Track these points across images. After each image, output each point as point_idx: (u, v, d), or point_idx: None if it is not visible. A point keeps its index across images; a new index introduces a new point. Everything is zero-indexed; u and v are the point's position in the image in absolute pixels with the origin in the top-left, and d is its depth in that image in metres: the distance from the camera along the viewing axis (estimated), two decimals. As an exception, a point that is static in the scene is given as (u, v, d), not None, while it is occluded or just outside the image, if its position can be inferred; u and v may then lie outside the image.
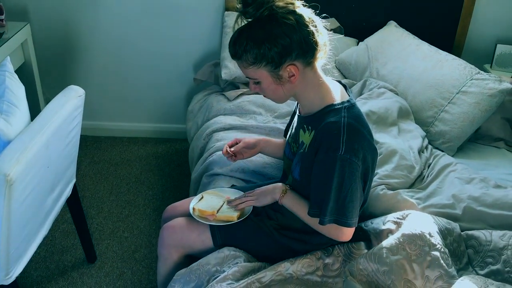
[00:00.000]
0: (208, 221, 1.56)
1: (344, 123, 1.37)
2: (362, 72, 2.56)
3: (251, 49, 1.36)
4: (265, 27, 1.35)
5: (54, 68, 2.95)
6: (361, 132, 1.40)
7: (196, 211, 1.59)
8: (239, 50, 1.38)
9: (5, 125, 1.55)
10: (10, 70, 1.80)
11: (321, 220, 1.40)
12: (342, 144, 1.34)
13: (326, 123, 1.39)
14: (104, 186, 2.71)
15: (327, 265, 1.51)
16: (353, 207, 1.40)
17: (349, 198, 1.38)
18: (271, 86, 1.42)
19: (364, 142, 1.40)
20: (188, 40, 2.90)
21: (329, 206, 1.38)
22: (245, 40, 1.36)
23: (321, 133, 1.40)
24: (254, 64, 1.38)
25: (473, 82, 2.26)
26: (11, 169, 1.35)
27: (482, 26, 2.87)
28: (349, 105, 1.43)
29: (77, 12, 2.81)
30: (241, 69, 1.45)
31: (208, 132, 2.24)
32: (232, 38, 1.41)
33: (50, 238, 2.32)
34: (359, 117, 1.43)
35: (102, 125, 3.14)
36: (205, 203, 1.63)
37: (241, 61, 1.40)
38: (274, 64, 1.37)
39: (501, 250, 1.52)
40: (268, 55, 1.35)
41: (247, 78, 1.47)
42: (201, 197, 1.67)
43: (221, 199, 1.65)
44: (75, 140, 1.84)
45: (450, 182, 1.86)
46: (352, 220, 1.41)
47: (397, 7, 2.79)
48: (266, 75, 1.40)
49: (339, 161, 1.35)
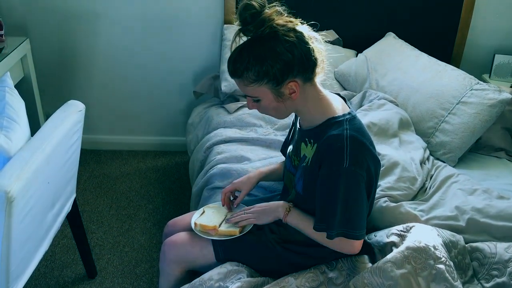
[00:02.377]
0: (210, 236, 1.55)
1: (347, 135, 1.37)
2: (362, 84, 2.57)
3: (253, 67, 1.35)
4: (266, 44, 1.34)
5: (53, 83, 2.95)
6: (364, 143, 1.40)
7: (198, 226, 1.58)
8: (240, 67, 1.37)
9: (5, 141, 1.55)
10: (10, 85, 1.80)
11: (329, 234, 1.39)
12: (346, 156, 1.34)
13: (328, 136, 1.39)
14: (104, 200, 2.69)
15: (331, 279, 1.49)
16: (360, 219, 1.39)
17: (355, 210, 1.37)
18: (272, 103, 1.42)
19: (367, 153, 1.40)
20: (188, 53, 2.91)
21: (336, 219, 1.37)
22: (247, 57, 1.35)
23: (324, 146, 1.39)
24: (255, 82, 1.37)
25: (472, 92, 2.26)
26: (12, 186, 1.33)
27: (480, 36, 2.89)
28: (350, 117, 1.43)
29: (77, 27, 2.82)
30: (240, 87, 1.43)
31: (208, 145, 2.23)
32: (232, 56, 1.40)
33: (50, 254, 2.30)
34: (361, 128, 1.44)
35: (101, 138, 3.14)
36: (207, 217, 1.62)
37: (241, 79, 1.39)
38: (276, 81, 1.36)
39: (507, 262, 1.51)
40: (270, 72, 1.35)
41: (246, 96, 1.45)
42: (203, 211, 1.66)
43: (222, 213, 1.64)
44: (75, 155, 1.83)
45: (453, 194, 1.85)
46: (361, 232, 1.40)
47: (395, 19, 2.80)
48: (267, 93, 1.39)
49: (344, 174, 1.34)
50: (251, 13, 1.33)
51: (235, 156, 2.07)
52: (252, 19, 1.34)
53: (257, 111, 1.51)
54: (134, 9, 2.79)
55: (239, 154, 2.08)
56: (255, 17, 1.34)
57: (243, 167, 1.96)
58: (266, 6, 1.35)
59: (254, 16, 1.33)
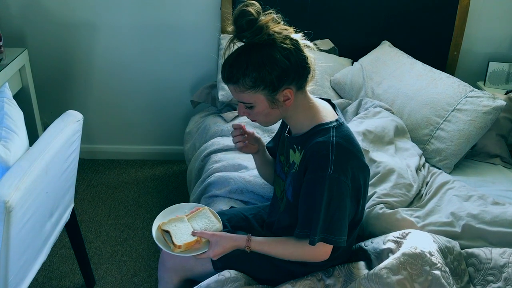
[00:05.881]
0: (196, 251, 1.48)
1: (333, 142, 1.37)
2: (358, 92, 2.59)
3: (251, 73, 1.35)
4: (264, 51, 1.35)
5: (51, 93, 2.96)
6: (350, 151, 1.40)
7: (182, 246, 1.47)
8: (236, 74, 1.37)
9: (4, 151, 1.56)
10: (8, 96, 1.81)
11: (311, 240, 1.39)
12: (330, 163, 1.35)
13: (314, 143, 1.39)
14: (102, 209, 2.70)
15: (328, 286, 1.50)
16: (341, 225, 1.39)
17: (337, 216, 1.37)
18: (265, 110, 1.42)
19: (353, 161, 1.40)
20: (185, 62, 2.93)
21: (319, 225, 1.37)
22: (244, 63, 1.35)
23: (309, 152, 1.40)
24: (252, 88, 1.38)
25: (467, 99, 2.28)
26: (10, 196, 1.34)
27: (474, 44, 2.92)
28: (337, 125, 1.43)
29: (74, 37, 2.83)
30: (234, 94, 1.42)
31: (206, 154, 2.24)
32: (228, 62, 1.39)
33: (48, 264, 2.30)
34: (348, 136, 1.43)
35: (99, 148, 3.14)
36: (179, 233, 1.50)
37: (237, 85, 1.39)
38: (272, 88, 1.37)
39: (502, 267, 1.52)
40: (267, 79, 1.35)
41: (239, 102, 1.44)
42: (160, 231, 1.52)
43: (184, 222, 1.54)
44: (74, 164, 1.84)
45: (448, 200, 1.86)
46: (341, 238, 1.40)
47: (390, 27, 2.83)
48: (262, 99, 1.40)
49: (328, 180, 1.35)
50: (248, 20, 1.34)
51: (232, 164, 2.08)
52: (249, 25, 1.34)
53: (250, 121, 1.51)
54: (131, 20, 2.81)
55: (237, 162, 2.09)
56: (252, 24, 1.34)
57: (241, 175, 1.97)
58: (262, 13, 1.36)
59: (251, 22, 1.34)
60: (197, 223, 1.55)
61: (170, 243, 1.47)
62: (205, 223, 1.55)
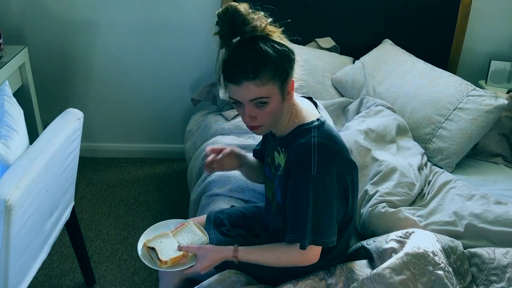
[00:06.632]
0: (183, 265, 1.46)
1: (314, 143, 1.35)
2: (359, 90, 2.58)
3: (269, 63, 1.30)
4: (269, 43, 1.33)
5: (51, 91, 2.95)
6: (333, 149, 1.38)
7: (169, 262, 1.44)
8: (256, 67, 1.29)
9: (4, 150, 1.55)
10: (8, 94, 1.80)
11: (302, 244, 1.37)
12: (313, 165, 1.32)
13: (296, 145, 1.37)
14: (102, 208, 2.69)
15: (330, 285, 1.49)
16: (329, 226, 1.38)
17: (324, 217, 1.36)
18: (277, 105, 1.36)
19: (337, 159, 1.38)
20: (185, 60, 2.92)
21: (307, 228, 1.35)
22: (260, 55, 1.31)
23: (292, 155, 1.38)
24: (272, 79, 1.31)
25: (469, 98, 2.27)
26: (11, 194, 1.33)
27: (476, 43, 2.91)
28: (319, 124, 1.41)
29: (75, 35, 2.82)
30: (250, 92, 1.31)
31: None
32: (239, 59, 1.31)
33: (48, 262, 2.29)
34: (330, 134, 1.40)
35: (99, 146, 3.13)
36: (164, 249, 1.49)
37: (258, 79, 1.30)
38: (285, 76, 1.34)
39: (505, 268, 1.51)
40: (282, 66, 1.32)
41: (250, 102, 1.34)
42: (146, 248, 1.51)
43: (170, 238, 1.53)
44: (74, 163, 1.83)
45: (451, 199, 1.86)
46: (330, 238, 1.38)
47: (392, 26, 2.82)
48: (277, 92, 1.35)
49: (312, 182, 1.33)
50: (242, 17, 1.31)
51: (233, 163, 2.07)
52: (244, 22, 1.31)
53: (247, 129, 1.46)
54: (132, 17, 2.80)
55: (237, 161, 2.08)
56: (246, 21, 1.31)
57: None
58: (250, 11, 1.34)
59: (245, 20, 1.31)
60: (183, 238, 1.53)
61: (156, 260, 1.46)
62: (190, 237, 1.54)
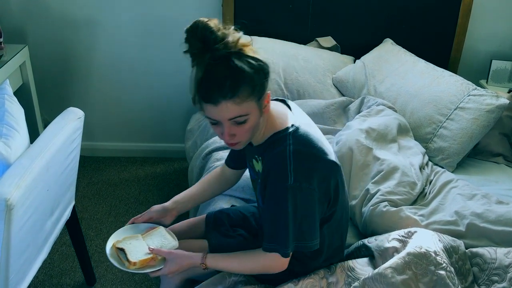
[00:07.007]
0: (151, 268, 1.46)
1: (290, 151, 1.33)
2: (360, 90, 2.58)
3: (247, 79, 1.27)
4: (243, 59, 1.27)
5: (52, 90, 2.95)
6: (310, 154, 1.35)
7: (137, 263, 1.43)
8: (233, 85, 1.26)
9: (4, 149, 1.55)
10: (9, 93, 1.80)
11: (284, 253, 1.36)
12: (290, 173, 1.30)
13: (272, 155, 1.36)
14: (103, 207, 2.69)
15: (331, 284, 1.49)
16: (311, 231, 1.37)
17: (306, 224, 1.35)
18: (256, 120, 1.33)
19: (316, 163, 1.36)
20: (186, 59, 2.90)
21: (290, 237, 1.34)
22: (236, 72, 1.26)
23: (268, 164, 1.36)
24: (250, 95, 1.28)
25: (470, 98, 2.27)
26: (11, 194, 1.33)
27: (477, 42, 2.90)
28: (294, 129, 1.38)
29: (75, 34, 2.82)
30: (229, 111, 1.27)
31: (207, 152, 2.23)
32: (214, 78, 1.26)
33: (48, 261, 2.29)
34: (306, 138, 1.37)
35: (99, 145, 3.13)
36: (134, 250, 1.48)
37: (236, 97, 1.26)
38: (262, 90, 1.31)
39: (507, 268, 1.51)
40: (258, 82, 1.28)
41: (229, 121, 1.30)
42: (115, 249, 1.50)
43: (139, 240, 1.52)
44: (75, 162, 1.83)
45: (452, 199, 1.85)
46: (313, 242, 1.38)
47: (393, 25, 2.82)
48: (255, 107, 1.31)
49: (290, 190, 1.31)
50: (213, 33, 1.28)
51: (234, 162, 2.07)
52: (215, 39, 1.27)
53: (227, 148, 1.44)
54: (132, 16, 2.80)
55: (238, 160, 2.08)
56: (217, 38, 1.27)
57: (242, 173, 1.96)
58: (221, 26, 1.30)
59: (216, 36, 1.28)
60: (152, 241, 1.53)
61: (125, 261, 1.45)
62: (160, 241, 1.53)
